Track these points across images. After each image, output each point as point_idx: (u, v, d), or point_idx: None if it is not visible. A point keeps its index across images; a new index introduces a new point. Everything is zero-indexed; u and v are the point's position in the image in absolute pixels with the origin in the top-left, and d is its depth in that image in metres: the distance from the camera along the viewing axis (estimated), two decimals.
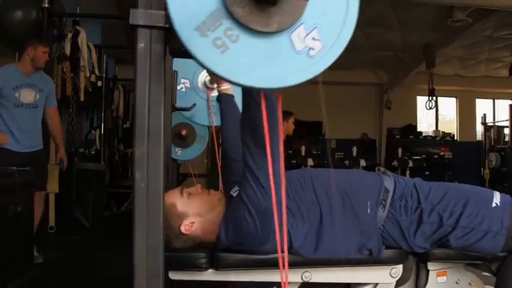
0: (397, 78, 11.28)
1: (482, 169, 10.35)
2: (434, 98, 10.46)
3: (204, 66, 0.87)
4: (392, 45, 9.31)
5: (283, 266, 0.97)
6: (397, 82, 11.35)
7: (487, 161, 9.98)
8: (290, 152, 9.79)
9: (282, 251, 0.98)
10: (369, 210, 1.61)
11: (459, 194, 1.64)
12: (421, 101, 11.61)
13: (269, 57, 0.88)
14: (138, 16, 1.02)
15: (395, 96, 11.56)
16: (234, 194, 1.69)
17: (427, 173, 10.70)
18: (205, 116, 2.58)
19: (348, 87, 10.88)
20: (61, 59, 4.74)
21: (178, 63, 2.46)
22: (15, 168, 3.32)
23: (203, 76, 2.52)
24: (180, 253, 1.60)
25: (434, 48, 9.46)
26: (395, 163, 10.88)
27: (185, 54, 1.13)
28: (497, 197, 1.62)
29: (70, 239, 4.11)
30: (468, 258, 1.70)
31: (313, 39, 0.89)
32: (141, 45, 1.02)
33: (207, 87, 2.54)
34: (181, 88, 2.55)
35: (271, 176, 0.98)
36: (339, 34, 0.89)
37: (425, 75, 10.20)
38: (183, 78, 2.55)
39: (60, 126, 4.44)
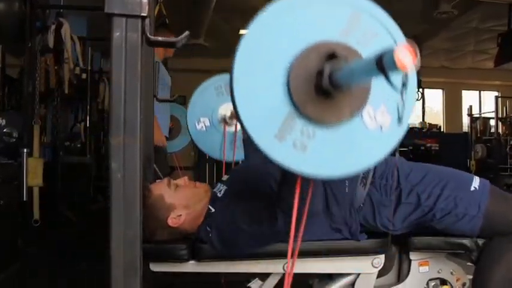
0: None
1: (468, 160, 10.40)
2: (420, 89, 10.52)
3: (289, 170, 0.85)
4: None
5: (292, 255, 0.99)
6: None
7: (473, 152, 10.02)
8: None
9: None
10: (347, 189, 1.61)
11: (439, 176, 1.64)
12: None
13: (346, 143, 0.87)
14: (113, 4, 1.01)
15: None
16: (219, 194, 1.70)
17: None
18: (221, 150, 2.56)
19: None
20: (44, 51, 4.68)
21: (196, 102, 2.47)
22: None
23: (221, 112, 2.49)
24: (161, 245, 1.60)
25: (421, 40, 9.48)
26: None
27: (162, 44, 1.12)
28: (476, 181, 1.63)
29: (55, 233, 4.07)
30: (450, 247, 1.70)
31: (382, 114, 0.88)
32: (116, 34, 1.00)
33: (226, 122, 2.51)
34: (202, 127, 2.52)
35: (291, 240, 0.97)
36: (404, 102, 0.89)
37: None
38: (202, 117, 2.51)
39: None
